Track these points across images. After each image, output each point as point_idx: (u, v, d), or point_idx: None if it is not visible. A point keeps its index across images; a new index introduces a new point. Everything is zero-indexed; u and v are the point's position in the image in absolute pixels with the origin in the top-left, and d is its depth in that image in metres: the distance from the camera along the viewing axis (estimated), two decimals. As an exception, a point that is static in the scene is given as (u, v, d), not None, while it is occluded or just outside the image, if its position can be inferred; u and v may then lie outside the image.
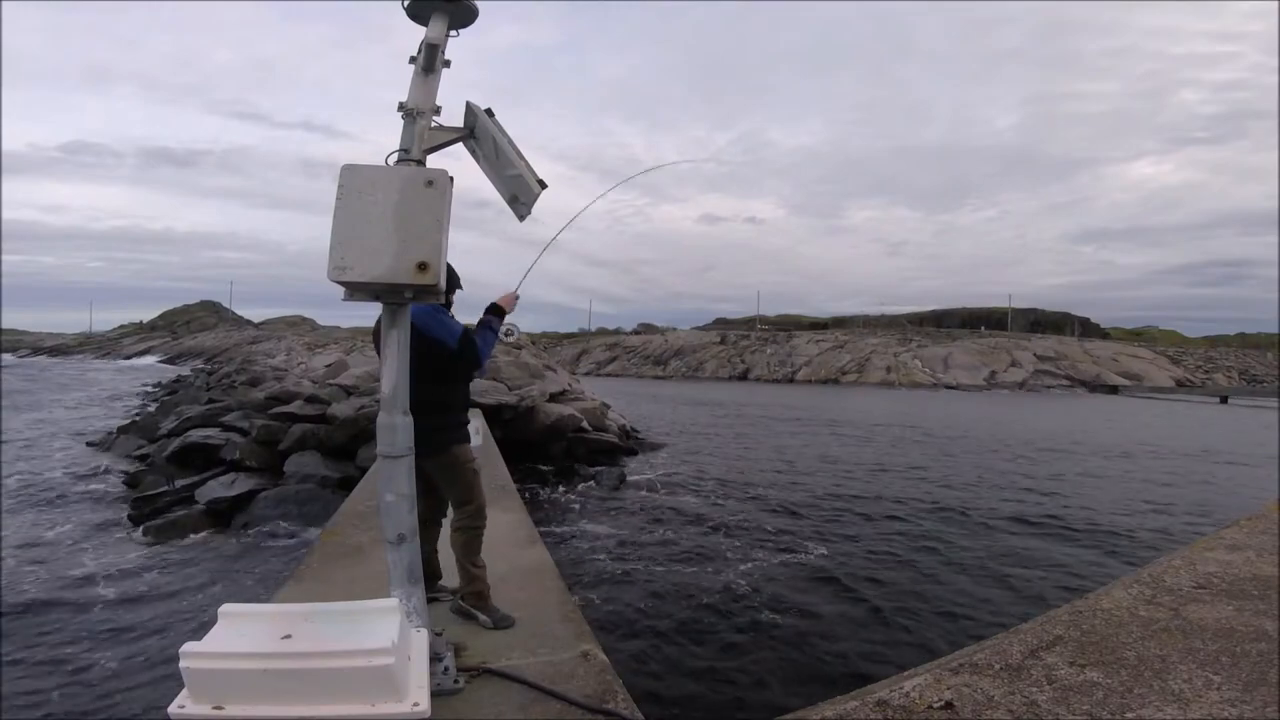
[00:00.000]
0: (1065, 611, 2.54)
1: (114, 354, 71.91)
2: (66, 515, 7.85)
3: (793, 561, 6.56)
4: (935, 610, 5.42)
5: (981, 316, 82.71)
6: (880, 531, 7.94)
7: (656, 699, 3.86)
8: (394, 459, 2.04)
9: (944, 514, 8.91)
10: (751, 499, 9.61)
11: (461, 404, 3.02)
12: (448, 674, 2.10)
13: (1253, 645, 2.18)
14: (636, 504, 9.09)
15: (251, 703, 1.56)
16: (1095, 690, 1.90)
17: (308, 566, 3.49)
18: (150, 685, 3.95)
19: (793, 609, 5.33)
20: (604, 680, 2.24)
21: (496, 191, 2.41)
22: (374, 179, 1.91)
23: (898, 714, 1.81)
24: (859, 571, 6.33)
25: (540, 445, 11.40)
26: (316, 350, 31.53)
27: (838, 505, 9.31)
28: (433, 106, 2.14)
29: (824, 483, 10.92)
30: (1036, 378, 54.62)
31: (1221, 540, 3.44)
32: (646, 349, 71.05)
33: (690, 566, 6.35)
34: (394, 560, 2.05)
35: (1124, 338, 79.44)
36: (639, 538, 7.36)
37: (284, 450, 9.37)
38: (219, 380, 23.55)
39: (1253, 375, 60.14)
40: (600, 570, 6.21)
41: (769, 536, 7.50)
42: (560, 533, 7.50)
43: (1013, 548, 7.35)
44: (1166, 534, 8.07)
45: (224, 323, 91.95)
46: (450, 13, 2.16)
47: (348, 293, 1.94)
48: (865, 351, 61.76)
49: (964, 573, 6.42)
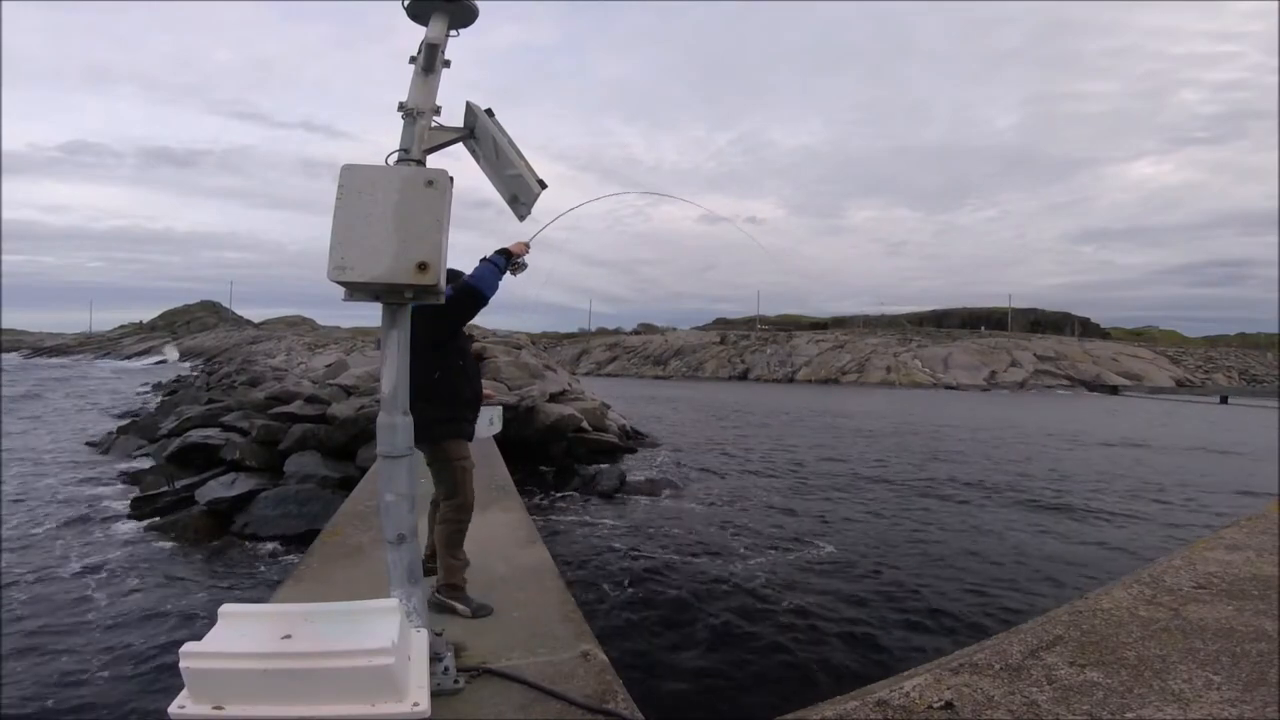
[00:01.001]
0: (1065, 611, 2.54)
1: (114, 353, 71.90)
2: (66, 515, 7.84)
3: (793, 561, 6.56)
4: (936, 610, 5.42)
5: (981, 316, 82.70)
6: (880, 531, 7.94)
7: (657, 699, 3.86)
8: (394, 459, 2.04)
9: (945, 514, 8.91)
10: (751, 499, 9.61)
11: (470, 393, 3.03)
12: (448, 674, 2.10)
13: (1253, 645, 2.18)
14: (636, 504, 9.09)
15: (251, 703, 1.56)
16: (1095, 690, 1.90)
17: (308, 566, 3.49)
18: (150, 685, 3.95)
19: (793, 608, 5.33)
20: (604, 680, 2.24)
21: (496, 191, 2.41)
22: (374, 179, 1.91)
23: (898, 714, 1.81)
24: (859, 571, 6.33)
25: (540, 445, 11.40)
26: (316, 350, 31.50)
27: (837, 505, 9.31)
28: (433, 106, 2.14)
29: (823, 483, 10.93)
30: (1036, 378, 54.62)
31: (1221, 540, 3.44)
32: (646, 349, 71.05)
33: (690, 566, 6.35)
34: (394, 560, 2.05)
35: (1124, 338, 79.42)
36: (639, 537, 7.36)
37: (284, 450, 9.37)
38: (219, 380, 23.55)
39: (1253, 375, 60.13)
40: (600, 570, 6.21)
41: (769, 536, 7.50)
42: (560, 533, 7.50)
43: (1013, 548, 7.35)
44: (1166, 533, 8.07)
45: (224, 323, 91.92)
46: (450, 13, 2.16)
47: (348, 293, 1.94)
48: (865, 352, 61.75)
49: (965, 573, 6.41)
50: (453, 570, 2.86)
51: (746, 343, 69.60)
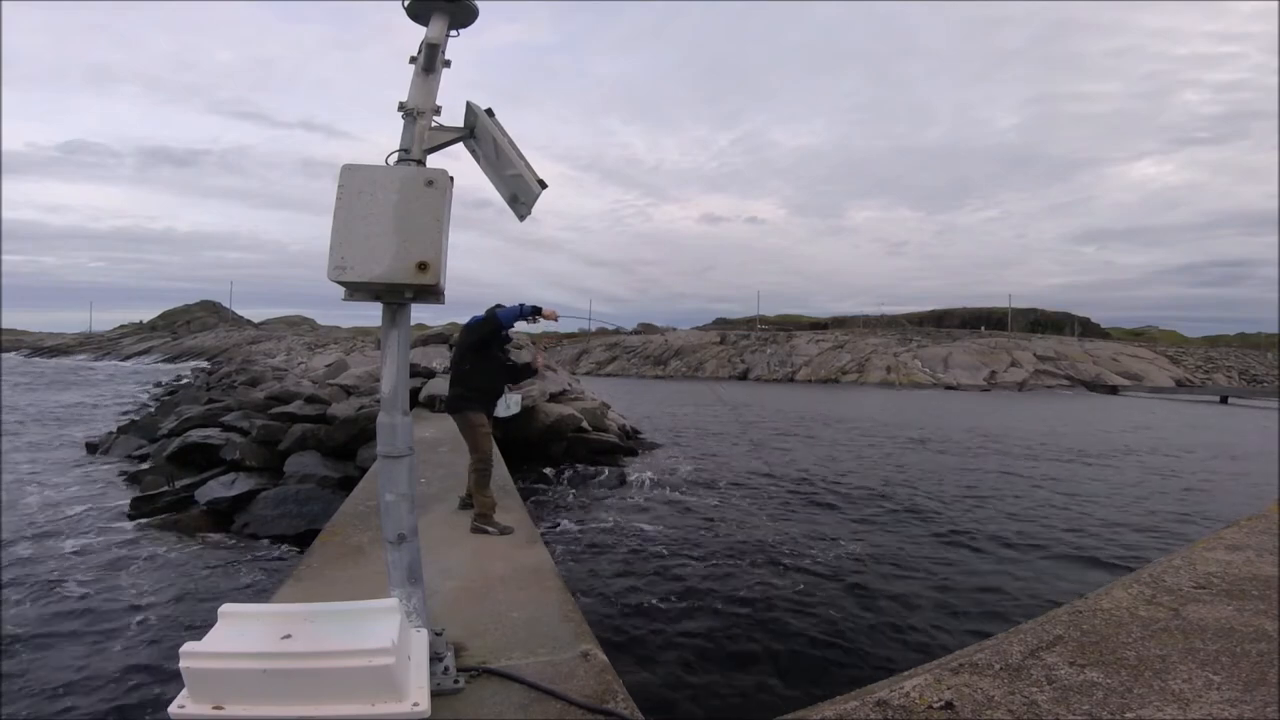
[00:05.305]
0: (1065, 611, 2.54)
1: (114, 354, 71.86)
2: (66, 515, 7.84)
3: (793, 561, 6.56)
4: (936, 610, 5.42)
5: (981, 316, 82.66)
6: (880, 531, 7.93)
7: (656, 699, 3.85)
8: (394, 459, 2.04)
9: (945, 513, 8.90)
10: (751, 498, 9.60)
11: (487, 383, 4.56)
12: (448, 674, 2.10)
13: (1253, 645, 2.18)
14: (636, 504, 9.09)
15: (251, 703, 1.56)
16: (1095, 690, 1.90)
17: (308, 566, 3.49)
18: (150, 685, 3.94)
19: (793, 608, 5.32)
20: (604, 680, 2.24)
21: (496, 191, 2.41)
22: (374, 179, 1.91)
23: (898, 714, 1.81)
24: (859, 571, 6.33)
25: (540, 445, 11.39)
26: (316, 350, 31.49)
27: (838, 505, 9.31)
28: (433, 106, 2.14)
29: (823, 482, 10.92)
30: (1036, 378, 54.60)
31: (1221, 540, 3.44)
32: (646, 349, 71.01)
33: (690, 566, 6.35)
34: (394, 560, 2.05)
35: (1124, 338, 79.40)
36: (639, 537, 7.35)
37: (284, 450, 9.36)
38: (219, 380, 23.54)
39: (1253, 375, 60.08)
40: (600, 570, 6.21)
41: (769, 536, 7.50)
42: (560, 533, 7.50)
43: (1013, 548, 7.35)
44: (1166, 533, 8.06)
45: (224, 323, 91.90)
46: (450, 13, 2.16)
47: (348, 293, 1.94)
48: (865, 351, 61.72)
49: (965, 572, 6.41)
50: (483, 504, 4.22)
51: (746, 343, 69.56)
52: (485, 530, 4.08)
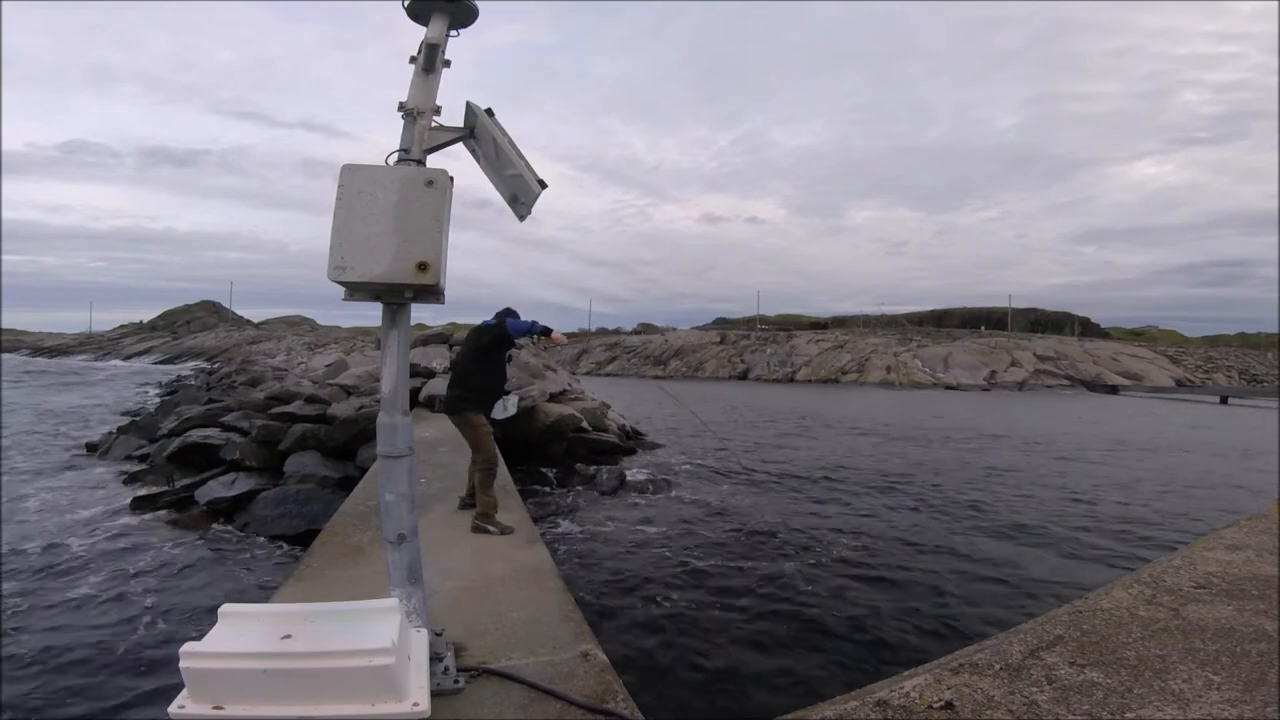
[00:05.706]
0: (1065, 611, 2.54)
1: (114, 354, 71.85)
2: (65, 515, 7.84)
3: (793, 560, 6.56)
4: (936, 610, 5.42)
5: (981, 316, 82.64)
6: (881, 531, 7.93)
7: (657, 699, 3.85)
8: (394, 459, 2.04)
9: (945, 513, 8.90)
10: (751, 498, 9.60)
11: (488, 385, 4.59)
12: (448, 674, 2.10)
13: (1253, 645, 2.18)
14: (636, 503, 9.09)
15: (251, 703, 1.56)
16: (1095, 690, 1.90)
17: (308, 566, 3.49)
18: (149, 686, 3.94)
19: (793, 608, 5.32)
20: (604, 680, 2.24)
21: (496, 191, 2.41)
22: (374, 179, 1.91)
23: (898, 714, 1.81)
24: (860, 571, 6.33)
25: (540, 445, 11.39)
26: (316, 350, 31.50)
27: (837, 504, 9.31)
28: (433, 106, 2.14)
29: (823, 482, 10.92)
30: (1036, 378, 54.59)
31: (1221, 540, 3.44)
32: (646, 349, 70.99)
33: (690, 566, 6.35)
34: (394, 560, 2.05)
35: (1124, 338, 79.37)
36: (639, 537, 7.36)
37: (284, 450, 9.36)
38: (219, 380, 23.54)
39: (1253, 375, 60.08)
40: (600, 570, 6.21)
41: (769, 536, 7.50)
42: (560, 533, 7.50)
43: (1013, 547, 7.35)
44: (1166, 533, 8.06)
45: (224, 323, 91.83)
46: (450, 13, 2.16)
47: (348, 293, 1.94)
48: (865, 351, 61.70)
49: (966, 572, 6.41)
50: (486, 504, 4.20)
51: (746, 342, 69.55)
52: (486, 529, 4.07)
